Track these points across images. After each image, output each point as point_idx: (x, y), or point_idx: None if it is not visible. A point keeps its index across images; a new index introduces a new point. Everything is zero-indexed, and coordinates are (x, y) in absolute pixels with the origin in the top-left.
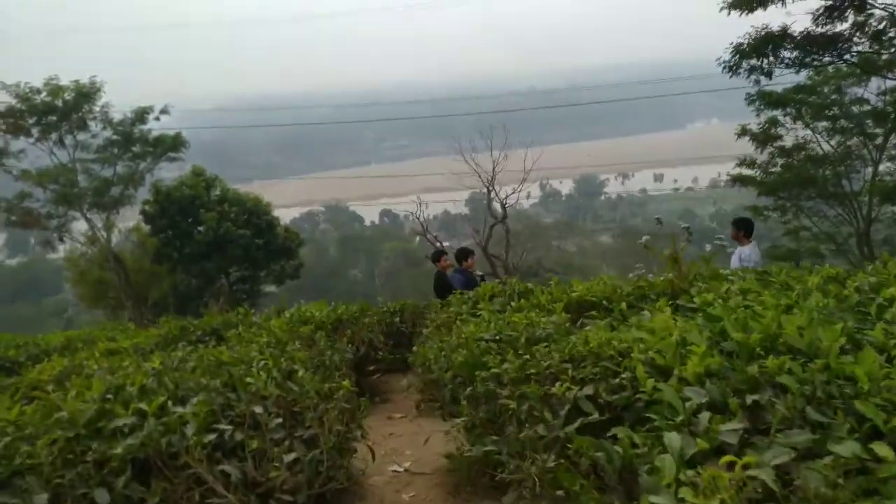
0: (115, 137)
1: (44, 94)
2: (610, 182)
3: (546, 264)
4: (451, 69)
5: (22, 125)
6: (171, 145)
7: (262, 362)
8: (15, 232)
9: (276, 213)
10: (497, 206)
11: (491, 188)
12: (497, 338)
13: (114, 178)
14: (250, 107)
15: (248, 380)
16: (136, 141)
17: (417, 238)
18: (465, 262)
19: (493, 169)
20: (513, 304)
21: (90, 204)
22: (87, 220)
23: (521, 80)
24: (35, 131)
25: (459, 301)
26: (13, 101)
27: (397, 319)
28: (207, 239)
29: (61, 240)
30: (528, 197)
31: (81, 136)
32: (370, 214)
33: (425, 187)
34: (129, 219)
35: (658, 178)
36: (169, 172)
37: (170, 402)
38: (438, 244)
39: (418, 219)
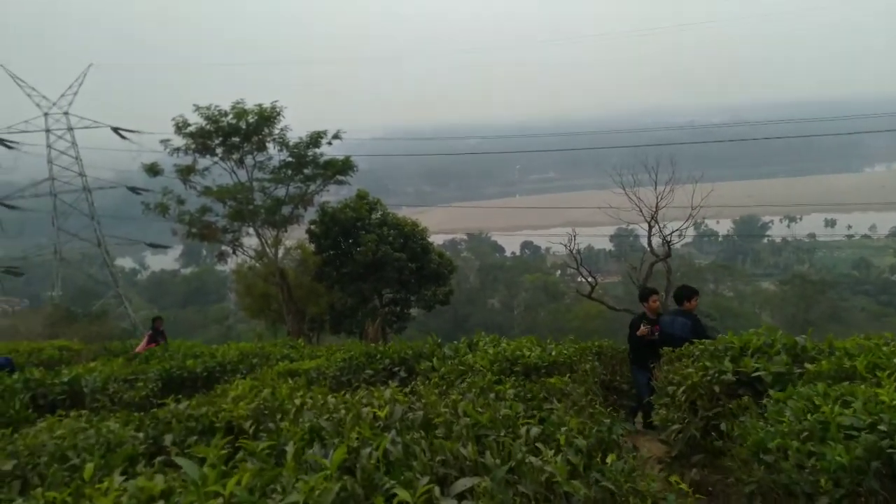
0: (289, 159)
1: (230, 116)
2: (774, 224)
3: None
4: (606, 102)
5: (209, 145)
6: (340, 168)
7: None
8: (190, 244)
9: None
10: (653, 243)
11: (654, 223)
12: None
13: (286, 197)
14: (405, 137)
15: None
16: (309, 163)
17: (558, 271)
18: (686, 302)
19: (657, 204)
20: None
21: (262, 221)
22: (259, 235)
23: (680, 115)
24: (220, 151)
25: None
26: (203, 123)
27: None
28: (366, 260)
29: (234, 253)
30: (680, 236)
31: (260, 157)
32: (512, 245)
33: (569, 220)
34: (296, 237)
35: (830, 223)
36: (333, 196)
37: (436, 489)
38: (591, 278)
39: (571, 251)
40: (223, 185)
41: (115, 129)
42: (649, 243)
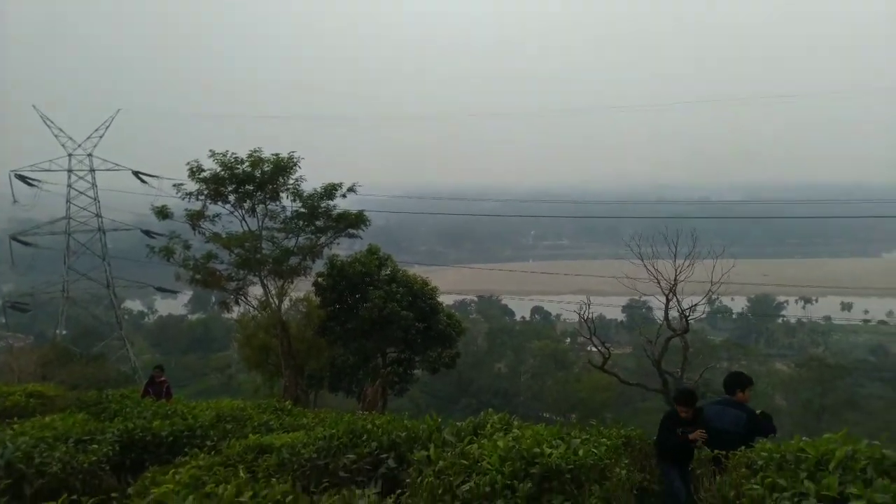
0: (302, 210)
1: (246, 164)
2: (789, 305)
3: (714, 387)
4: (623, 172)
5: (222, 191)
6: (352, 222)
7: None
8: (200, 291)
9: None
10: (670, 316)
11: (671, 296)
12: None
13: (294, 248)
14: (421, 195)
15: None
16: (321, 215)
17: (568, 339)
18: (740, 391)
19: (676, 277)
20: None
21: (269, 270)
22: (264, 285)
23: (696, 190)
24: (232, 198)
25: None
26: (218, 169)
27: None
28: (372, 316)
29: (237, 302)
30: (692, 311)
31: (272, 206)
32: (522, 310)
33: (580, 288)
34: (301, 289)
35: (846, 306)
36: (344, 249)
37: None
38: (604, 349)
39: (585, 319)
40: (232, 233)
41: (136, 173)
42: (666, 317)
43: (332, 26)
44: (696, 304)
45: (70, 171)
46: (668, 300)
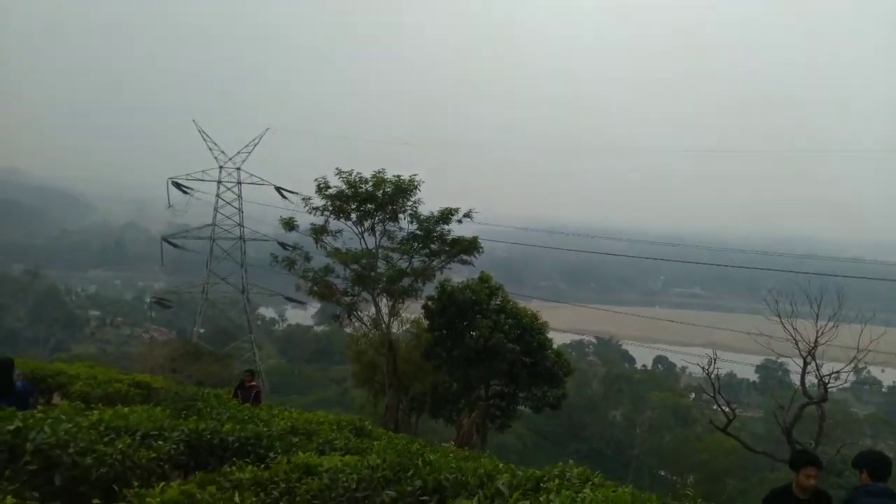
0: (418, 232)
1: (369, 184)
2: None
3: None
4: (764, 223)
5: (346, 209)
6: (466, 248)
7: None
8: (326, 304)
9: (549, 335)
10: (807, 382)
11: (810, 360)
12: None
13: (408, 269)
14: (548, 229)
15: None
16: (436, 239)
17: (692, 395)
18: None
19: (816, 339)
20: None
21: (381, 289)
22: (376, 303)
23: (842, 247)
24: (354, 216)
25: None
26: (343, 187)
27: None
28: (477, 346)
29: (349, 317)
30: (835, 378)
31: (390, 227)
32: (644, 357)
33: (710, 341)
34: (413, 310)
35: None
36: (458, 275)
37: None
38: (728, 409)
39: (709, 375)
40: (351, 249)
41: (278, 189)
42: (802, 382)
43: (486, 54)
44: (838, 371)
45: (219, 182)
46: (805, 364)
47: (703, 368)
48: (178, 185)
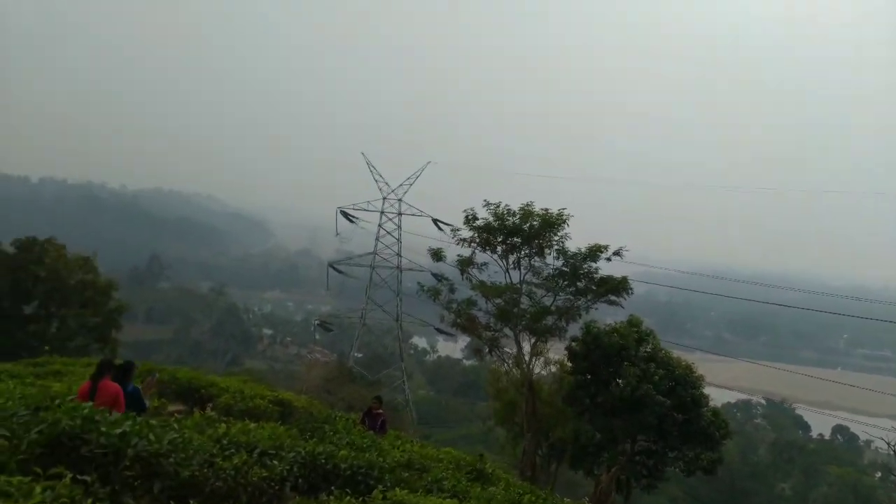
0: (564, 269)
1: (517, 217)
2: None
3: None
4: None
5: (492, 241)
6: (613, 287)
7: None
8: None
9: (709, 391)
10: None
11: None
12: None
13: (552, 306)
14: (716, 274)
15: None
16: (583, 276)
17: (878, 473)
18: None
19: None
20: None
21: (524, 326)
22: (517, 341)
23: None
24: (500, 249)
25: None
26: (491, 219)
27: None
28: (623, 395)
29: (490, 352)
30: None
31: (536, 262)
32: (820, 425)
33: None
34: (556, 351)
35: None
36: (607, 316)
37: None
38: None
39: (894, 451)
40: (495, 283)
41: (435, 221)
42: None
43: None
44: None
45: (382, 212)
46: None
47: (888, 444)
48: (345, 215)
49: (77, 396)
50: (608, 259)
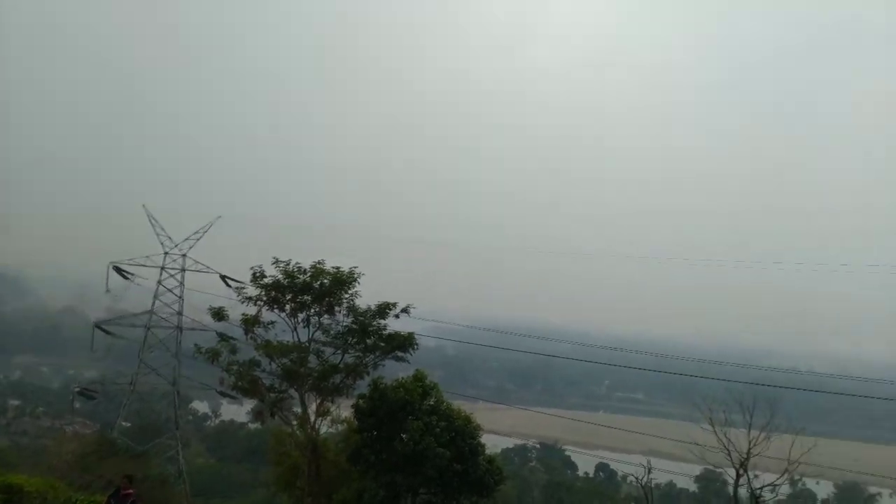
0: (353, 326)
1: (307, 274)
2: (883, 499)
3: None
4: (706, 332)
5: (280, 299)
6: (401, 343)
7: None
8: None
9: (492, 440)
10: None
11: (742, 472)
12: None
13: (341, 364)
14: (496, 328)
15: None
16: (371, 333)
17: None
18: None
19: (749, 450)
20: None
21: (310, 386)
22: (303, 401)
23: (786, 359)
24: (289, 307)
25: None
26: (280, 276)
27: None
28: (406, 450)
29: (272, 415)
30: (773, 490)
31: (325, 320)
32: (586, 464)
33: (651, 449)
34: (346, 408)
35: None
36: (396, 371)
37: None
38: None
39: (643, 485)
40: (282, 342)
41: (223, 277)
42: (735, 494)
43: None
44: (771, 484)
45: (163, 268)
46: (738, 475)
47: (636, 479)
48: (119, 270)
49: None
50: (396, 316)
